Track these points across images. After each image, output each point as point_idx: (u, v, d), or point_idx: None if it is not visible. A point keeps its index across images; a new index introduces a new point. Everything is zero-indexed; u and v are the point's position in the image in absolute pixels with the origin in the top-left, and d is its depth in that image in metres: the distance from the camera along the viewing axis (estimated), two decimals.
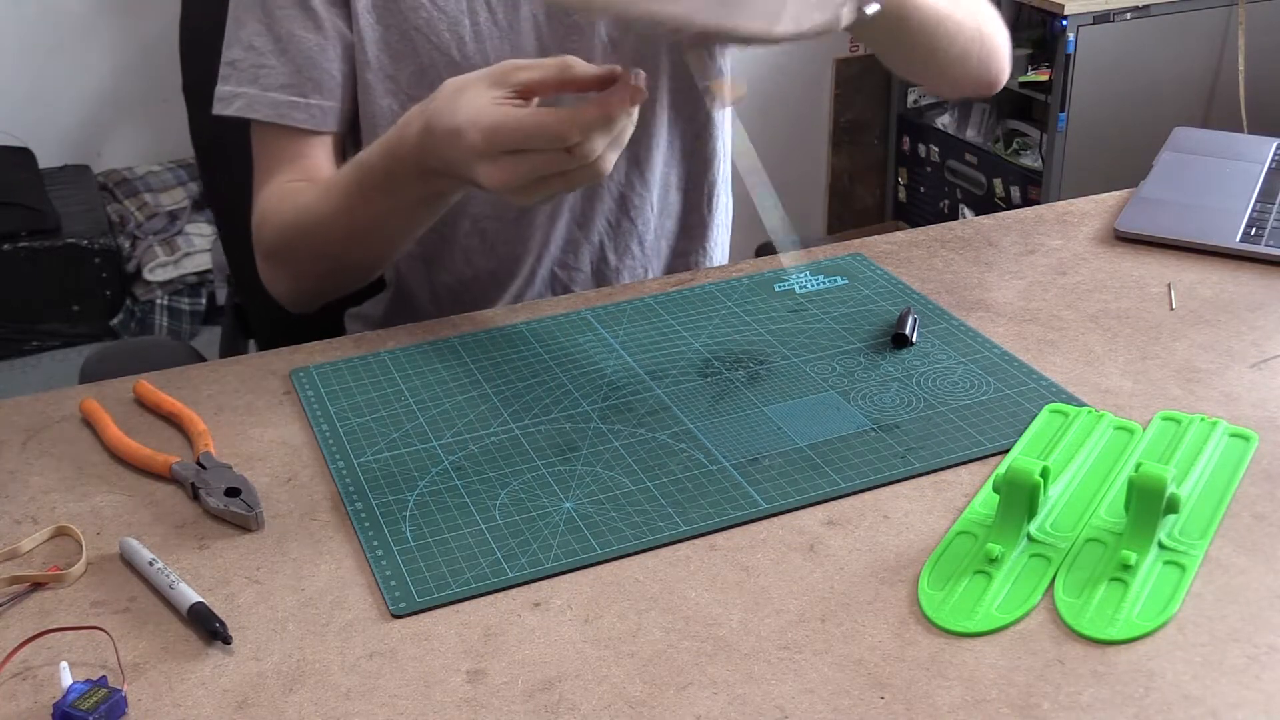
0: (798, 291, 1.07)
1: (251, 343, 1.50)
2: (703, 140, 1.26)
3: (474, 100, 0.89)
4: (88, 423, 0.90)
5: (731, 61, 1.22)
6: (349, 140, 1.16)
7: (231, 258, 1.45)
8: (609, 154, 0.88)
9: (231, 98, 1.11)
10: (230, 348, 1.50)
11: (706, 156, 1.27)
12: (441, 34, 1.11)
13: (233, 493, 0.81)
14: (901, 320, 0.99)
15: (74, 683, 0.66)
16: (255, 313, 1.47)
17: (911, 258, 1.13)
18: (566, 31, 1.14)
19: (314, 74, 1.10)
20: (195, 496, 0.82)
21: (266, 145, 1.13)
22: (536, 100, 0.90)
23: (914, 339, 0.98)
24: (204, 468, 0.83)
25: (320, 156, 1.13)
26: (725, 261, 1.33)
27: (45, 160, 2.89)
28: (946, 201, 3.17)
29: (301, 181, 1.11)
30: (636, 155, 1.21)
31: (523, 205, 1.12)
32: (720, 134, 1.26)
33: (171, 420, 0.90)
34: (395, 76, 1.13)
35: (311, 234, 1.06)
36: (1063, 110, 2.74)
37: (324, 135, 1.13)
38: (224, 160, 1.36)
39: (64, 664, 0.67)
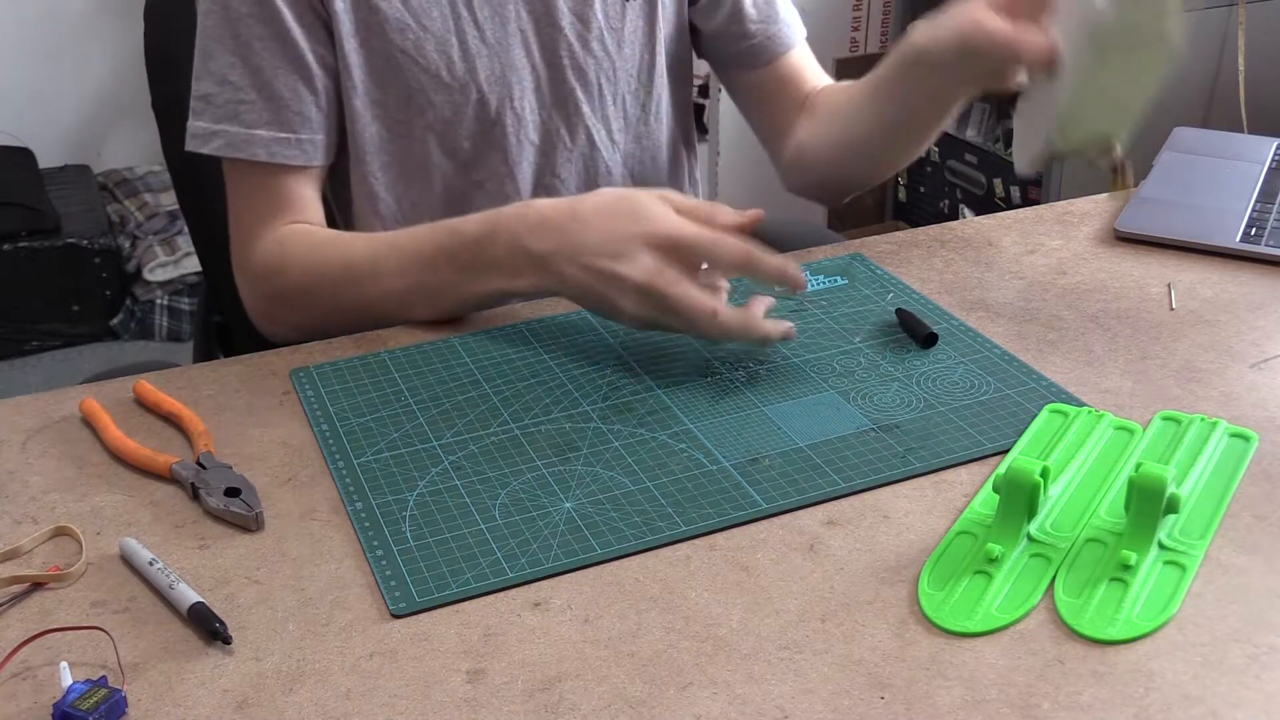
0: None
1: None
2: (687, 146, 1.29)
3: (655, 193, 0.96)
4: (88, 423, 0.90)
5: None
6: (326, 171, 1.14)
7: (211, 275, 1.41)
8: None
9: (209, 135, 1.07)
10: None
11: (691, 169, 1.31)
12: (429, 55, 1.09)
13: (233, 493, 0.81)
14: (912, 320, 0.99)
15: (74, 683, 0.66)
16: (239, 329, 1.44)
17: (911, 258, 1.13)
18: (556, 47, 1.13)
19: (299, 108, 1.07)
20: (195, 497, 0.82)
21: (251, 183, 1.09)
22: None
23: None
24: (204, 468, 0.83)
25: (309, 192, 1.10)
26: None
27: (45, 160, 2.90)
28: (946, 201, 3.17)
29: (305, 224, 1.08)
30: (640, 173, 1.22)
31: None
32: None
33: (171, 420, 0.90)
34: (382, 101, 1.11)
35: (348, 287, 1.03)
36: None
37: (312, 170, 1.10)
38: (199, 178, 1.33)
39: (64, 664, 0.67)
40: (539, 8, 1.12)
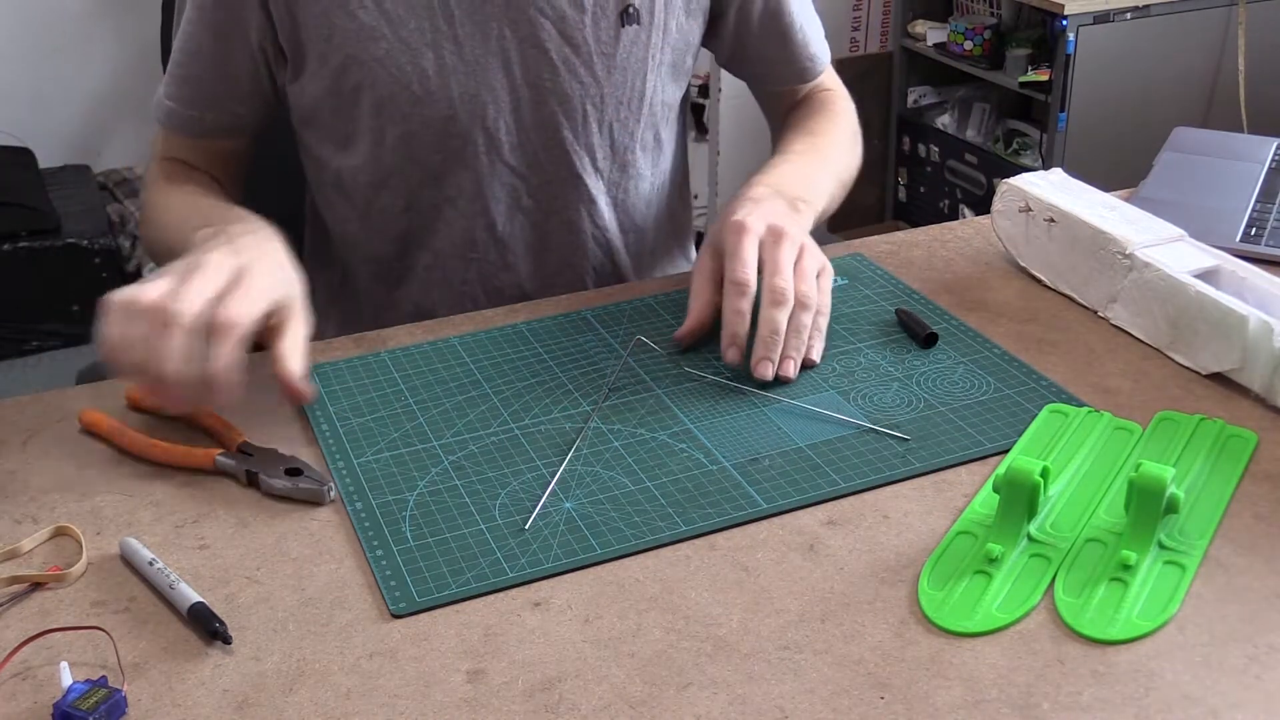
0: None
1: None
2: (682, 172, 1.30)
3: None
4: (92, 433, 0.89)
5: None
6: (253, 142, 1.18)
7: None
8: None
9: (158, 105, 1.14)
10: None
11: (685, 197, 1.31)
12: (402, 65, 1.07)
13: (294, 472, 0.81)
14: (913, 319, 0.99)
15: (74, 683, 0.66)
16: None
17: (912, 258, 1.13)
18: (539, 70, 1.10)
19: (214, 89, 1.11)
20: (252, 483, 0.82)
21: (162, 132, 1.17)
22: None
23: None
24: (249, 454, 0.84)
25: (201, 145, 1.15)
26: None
27: (45, 160, 2.89)
28: (946, 201, 3.17)
29: (179, 163, 1.15)
30: (624, 200, 1.21)
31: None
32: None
33: (182, 419, 0.90)
34: (353, 105, 1.10)
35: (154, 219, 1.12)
36: (1063, 110, 2.74)
37: (205, 139, 1.15)
38: None
39: (64, 664, 0.67)
40: (524, 29, 1.09)
